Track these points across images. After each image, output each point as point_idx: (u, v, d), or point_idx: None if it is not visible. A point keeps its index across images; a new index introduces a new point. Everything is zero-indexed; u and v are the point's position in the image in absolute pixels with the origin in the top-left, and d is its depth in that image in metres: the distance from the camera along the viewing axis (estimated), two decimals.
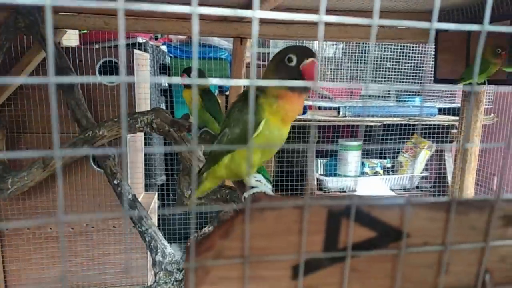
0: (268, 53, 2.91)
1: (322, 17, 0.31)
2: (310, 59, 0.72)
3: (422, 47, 2.76)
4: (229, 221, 0.28)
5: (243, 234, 0.28)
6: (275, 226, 0.28)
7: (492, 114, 2.70)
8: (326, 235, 0.29)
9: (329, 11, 1.80)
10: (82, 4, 0.28)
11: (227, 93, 2.55)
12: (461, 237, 0.32)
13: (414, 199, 0.30)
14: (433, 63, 1.92)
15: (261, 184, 0.79)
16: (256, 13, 0.30)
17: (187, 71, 1.27)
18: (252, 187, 0.78)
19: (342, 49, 2.87)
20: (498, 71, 1.57)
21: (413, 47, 2.77)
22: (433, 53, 1.98)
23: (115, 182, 1.73)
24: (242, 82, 0.32)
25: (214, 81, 0.35)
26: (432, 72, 1.91)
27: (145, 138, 2.27)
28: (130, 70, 1.85)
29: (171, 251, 1.67)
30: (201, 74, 1.29)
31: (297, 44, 2.57)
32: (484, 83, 1.68)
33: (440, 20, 1.85)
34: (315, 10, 1.79)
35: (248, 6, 1.66)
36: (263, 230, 0.28)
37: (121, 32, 0.29)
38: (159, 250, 1.66)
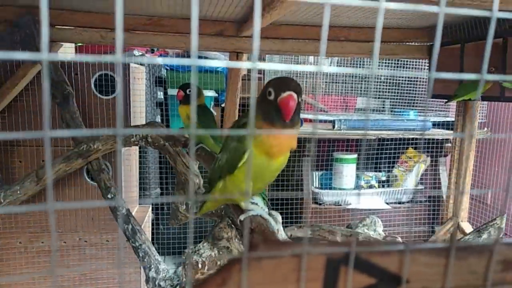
0: None
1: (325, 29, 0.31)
2: (286, 93, 0.70)
3: (416, 61, 2.79)
4: (227, 269, 0.28)
5: (240, 283, 0.27)
6: (273, 274, 0.28)
7: (485, 128, 2.72)
8: (324, 283, 0.29)
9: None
10: None
11: (223, 105, 2.56)
12: (461, 282, 0.32)
13: (413, 245, 0.30)
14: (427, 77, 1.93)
15: (257, 207, 0.78)
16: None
17: (183, 88, 1.27)
18: (249, 210, 0.77)
19: (337, 62, 2.89)
20: (492, 88, 1.58)
21: (407, 60, 2.79)
22: (427, 66, 2.00)
23: (109, 196, 1.72)
24: (243, 64, 0.31)
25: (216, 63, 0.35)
26: (426, 86, 1.93)
27: (140, 152, 2.26)
28: (126, 84, 1.85)
29: (164, 267, 1.65)
30: (198, 91, 1.28)
31: (282, 75, 2.58)
32: (477, 100, 1.70)
33: (423, 38, 1.88)
34: (310, 26, 1.80)
35: (245, 19, 1.67)
36: (260, 278, 0.28)
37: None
38: (152, 266, 1.64)
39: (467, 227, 2.13)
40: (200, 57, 2.55)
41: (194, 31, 0.30)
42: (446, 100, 1.80)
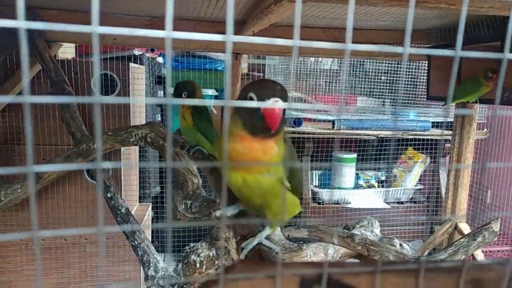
0: (264, 65, 2.93)
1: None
2: (271, 100, 0.60)
3: (416, 62, 2.79)
4: None
5: None
6: None
7: (485, 129, 2.72)
8: None
9: (322, 28, 1.82)
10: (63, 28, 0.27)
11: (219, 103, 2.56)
12: None
13: (383, 266, 0.31)
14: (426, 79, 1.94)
15: (264, 235, 0.72)
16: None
17: (179, 91, 1.23)
18: (254, 238, 0.71)
19: (338, 62, 2.89)
20: (491, 91, 1.59)
21: (408, 62, 2.79)
22: (426, 67, 2.00)
23: (109, 195, 1.73)
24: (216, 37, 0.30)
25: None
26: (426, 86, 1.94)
27: (140, 151, 2.28)
28: (126, 84, 1.86)
29: (163, 266, 1.67)
30: (191, 91, 1.22)
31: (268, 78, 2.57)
32: (476, 102, 1.70)
33: (422, 40, 1.87)
34: (310, 27, 1.81)
35: (244, 20, 1.67)
36: None
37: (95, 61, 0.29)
38: (151, 265, 1.66)
39: (465, 228, 2.14)
40: (199, 57, 2.56)
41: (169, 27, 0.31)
42: (444, 103, 1.80)
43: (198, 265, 1.48)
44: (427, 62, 1.96)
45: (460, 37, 0.30)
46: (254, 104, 0.60)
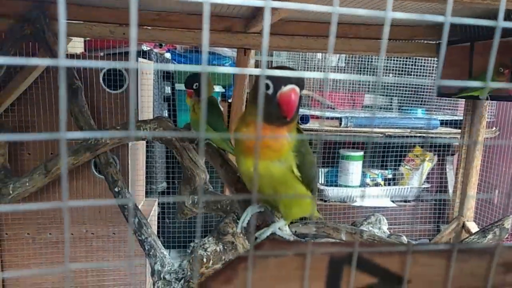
0: (271, 61, 2.92)
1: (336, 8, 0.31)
2: (288, 87, 0.60)
3: (425, 59, 2.77)
4: (232, 267, 0.29)
5: (245, 280, 0.28)
6: (277, 273, 0.29)
7: (494, 128, 2.70)
8: (327, 282, 0.29)
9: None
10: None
11: (230, 100, 2.56)
12: (462, 283, 0.32)
13: (415, 246, 0.31)
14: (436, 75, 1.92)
15: (277, 226, 0.71)
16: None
17: (190, 83, 1.24)
18: (267, 228, 0.70)
19: (345, 59, 2.88)
20: (501, 88, 1.57)
21: (416, 58, 2.77)
22: (436, 65, 1.98)
23: (116, 189, 1.73)
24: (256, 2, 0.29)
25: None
26: (435, 84, 1.92)
27: (146, 146, 2.28)
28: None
29: (170, 261, 1.67)
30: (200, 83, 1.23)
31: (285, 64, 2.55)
32: (487, 99, 1.69)
33: (432, 36, 1.86)
34: (319, 23, 1.80)
35: (253, 15, 1.67)
36: (265, 276, 0.29)
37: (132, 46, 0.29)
38: (158, 259, 1.66)
39: (473, 227, 2.12)
40: (208, 53, 2.56)
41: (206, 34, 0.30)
42: (454, 94, 1.78)
43: (205, 259, 1.48)
44: (436, 59, 1.94)
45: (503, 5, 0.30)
46: (269, 90, 0.60)
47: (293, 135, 0.66)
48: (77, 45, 2.11)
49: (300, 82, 0.61)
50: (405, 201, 2.81)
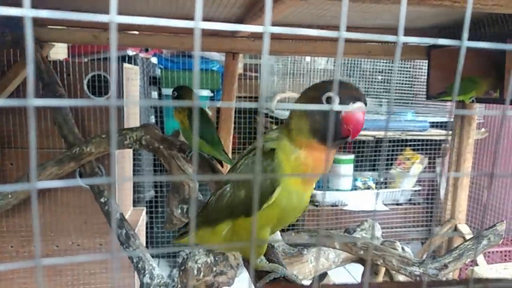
0: (259, 64, 2.89)
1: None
2: (357, 105, 0.54)
3: (413, 61, 2.77)
4: None
5: None
6: None
7: (483, 129, 2.70)
8: None
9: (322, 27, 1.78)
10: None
11: (219, 105, 2.52)
12: None
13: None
14: (426, 77, 1.91)
15: (277, 266, 0.63)
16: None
17: (178, 91, 1.21)
18: (268, 272, 0.62)
19: (334, 61, 2.86)
20: (488, 90, 1.57)
21: (405, 61, 2.77)
22: (425, 67, 1.97)
23: (102, 200, 1.68)
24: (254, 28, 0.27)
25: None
26: (425, 85, 1.91)
27: (133, 153, 2.22)
28: (120, 84, 1.81)
29: (159, 273, 1.62)
30: (189, 94, 1.21)
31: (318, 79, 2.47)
32: (472, 102, 1.68)
33: (430, 37, 1.85)
34: (310, 27, 1.77)
35: (241, 20, 1.63)
36: None
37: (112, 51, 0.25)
38: (147, 272, 1.61)
39: (465, 229, 2.11)
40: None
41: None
42: (438, 94, 1.78)
43: (195, 272, 1.43)
44: (426, 61, 1.93)
45: (466, 25, 0.27)
46: (337, 107, 0.54)
47: None
48: (60, 51, 2.05)
49: (365, 100, 0.57)
50: (396, 204, 2.79)
